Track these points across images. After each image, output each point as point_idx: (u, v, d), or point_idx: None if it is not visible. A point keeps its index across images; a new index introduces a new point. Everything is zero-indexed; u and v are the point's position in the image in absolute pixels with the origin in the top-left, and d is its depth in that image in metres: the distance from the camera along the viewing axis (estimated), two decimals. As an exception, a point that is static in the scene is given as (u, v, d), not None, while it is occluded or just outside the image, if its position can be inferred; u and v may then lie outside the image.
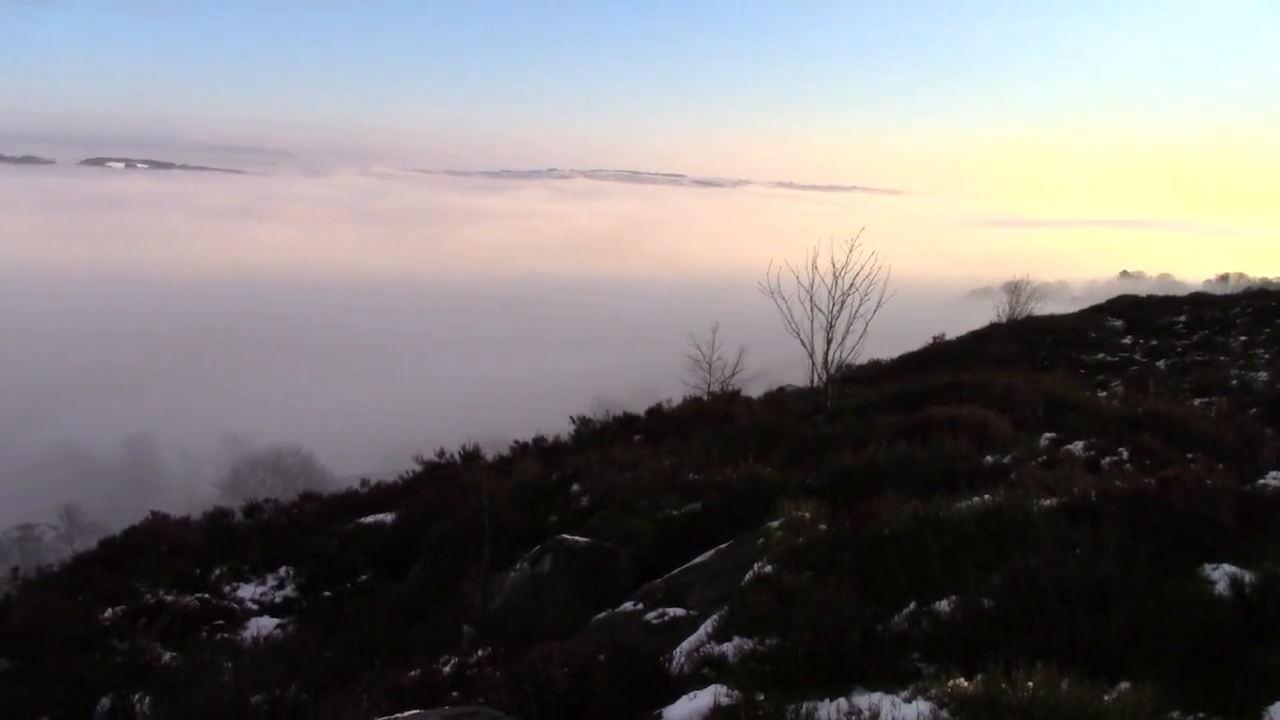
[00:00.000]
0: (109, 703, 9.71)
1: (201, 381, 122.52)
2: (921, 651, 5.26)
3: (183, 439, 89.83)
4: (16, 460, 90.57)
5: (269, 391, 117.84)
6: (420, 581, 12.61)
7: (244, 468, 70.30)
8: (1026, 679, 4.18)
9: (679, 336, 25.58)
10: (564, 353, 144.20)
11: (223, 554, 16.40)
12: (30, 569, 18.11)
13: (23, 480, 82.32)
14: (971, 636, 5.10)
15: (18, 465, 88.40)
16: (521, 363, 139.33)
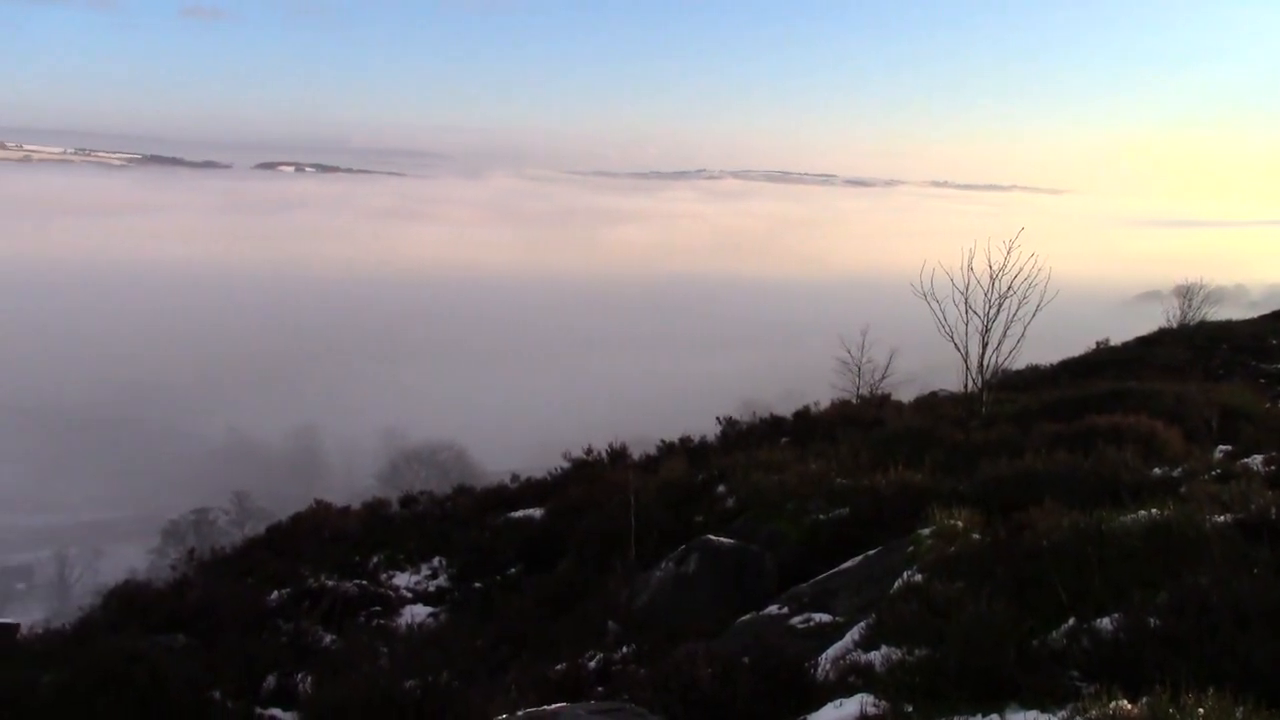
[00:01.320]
0: (275, 680, 10.21)
1: (363, 376, 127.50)
2: (1081, 670, 5.06)
3: (344, 431, 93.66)
4: (193, 449, 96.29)
5: (426, 387, 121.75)
6: (567, 576, 12.80)
7: (401, 460, 72.95)
8: (1196, 705, 3.97)
9: (828, 338, 25.22)
10: (711, 353, 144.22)
11: (380, 543, 17.00)
12: (205, 551, 19.13)
13: (198, 467, 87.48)
14: (1136, 657, 4.87)
15: (195, 453, 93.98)
16: (669, 363, 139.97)
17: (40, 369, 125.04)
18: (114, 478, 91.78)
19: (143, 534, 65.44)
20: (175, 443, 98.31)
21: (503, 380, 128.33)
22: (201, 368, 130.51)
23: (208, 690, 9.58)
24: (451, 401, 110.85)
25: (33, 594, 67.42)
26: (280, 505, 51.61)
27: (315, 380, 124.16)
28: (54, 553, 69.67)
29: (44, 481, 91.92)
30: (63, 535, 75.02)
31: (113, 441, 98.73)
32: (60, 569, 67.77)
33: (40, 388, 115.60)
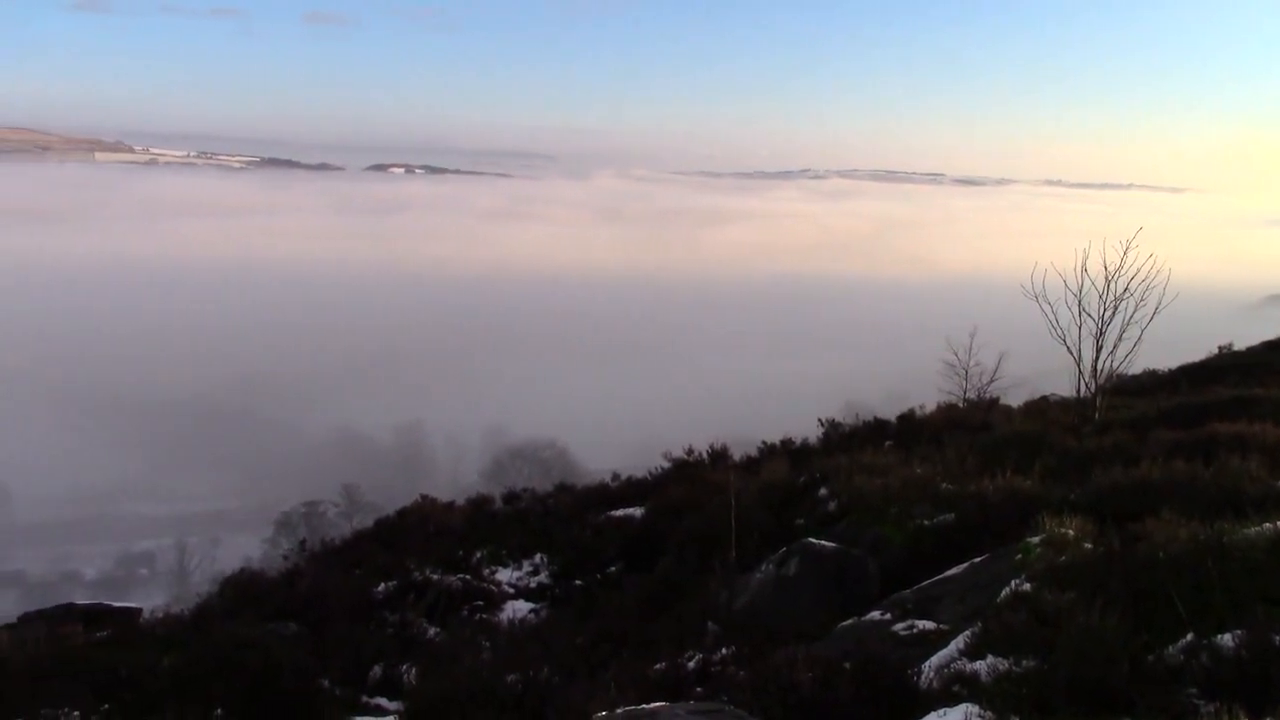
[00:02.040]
0: (380, 670, 10.46)
1: (469, 374, 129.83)
2: (1199, 687, 4.86)
3: (450, 428, 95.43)
4: (305, 443, 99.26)
5: (529, 385, 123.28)
6: (666, 576, 12.82)
7: (504, 457, 74.04)
8: (1325, 727, 3.78)
9: (934, 340, 24.74)
10: (815, 354, 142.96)
11: (483, 538, 17.27)
12: (315, 542, 19.67)
13: (310, 461, 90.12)
14: (1260, 675, 4.66)
15: (306, 447, 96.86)
16: (771, 363, 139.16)
17: (164, 364, 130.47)
18: (231, 470, 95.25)
19: (257, 524, 67.74)
20: (289, 437, 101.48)
21: (605, 379, 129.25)
22: (315, 364, 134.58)
23: (317, 678, 9.87)
24: (554, 400, 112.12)
25: (154, 580, 70.42)
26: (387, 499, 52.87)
27: (423, 377, 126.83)
28: (175, 541, 72.58)
29: (167, 472, 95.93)
30: (183, 524, 78.13)
31: (231, 435, 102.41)
32: (180, 557, 70.56)
33: (165, 382, 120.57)
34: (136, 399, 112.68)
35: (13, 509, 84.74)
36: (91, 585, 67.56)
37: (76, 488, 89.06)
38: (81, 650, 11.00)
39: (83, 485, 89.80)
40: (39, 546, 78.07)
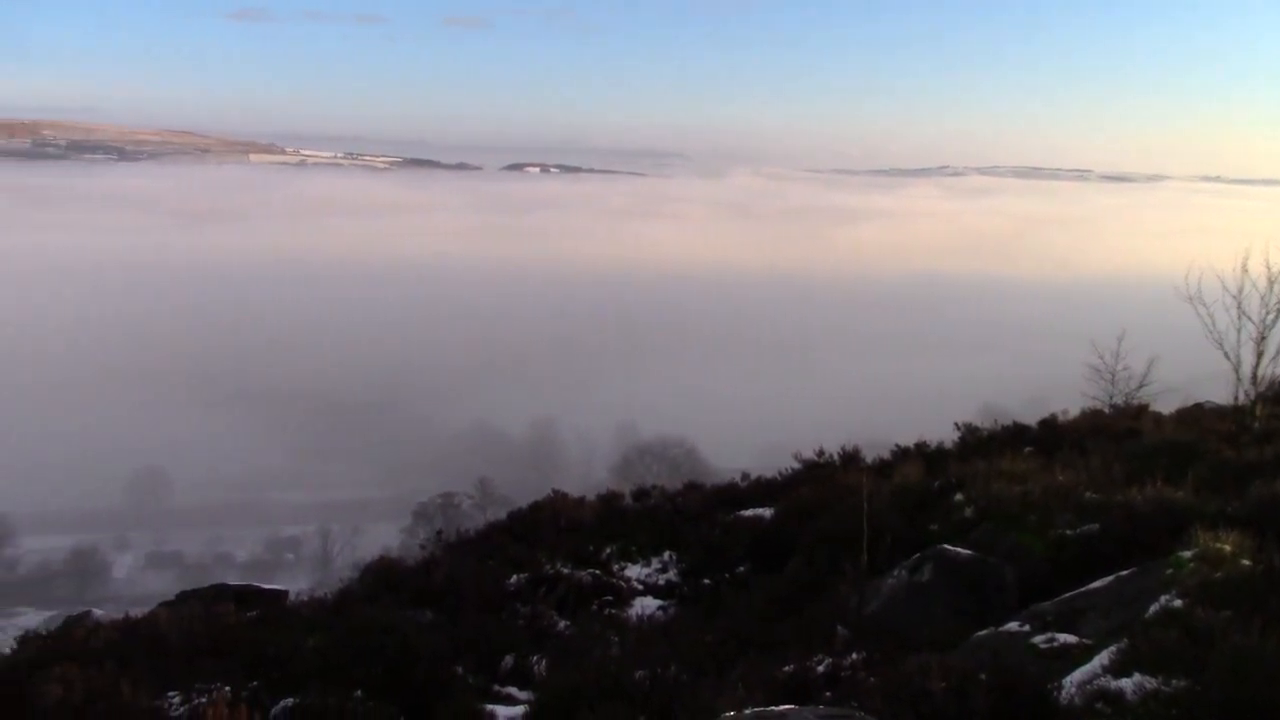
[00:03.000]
0: (512, 660, 10.66)
1: (601, 371, 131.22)
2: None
3: (581, 424, 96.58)
4: (442, 436, 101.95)
5: (659, 383, 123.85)
6: (796, 577, 12.70)
7: (633, 454, 74.50)
8: None
9: (1078, 343, 23.85)
10: (951, 356, 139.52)
11: (613, 534, 17.41)
12: (451, 533, 20.18)
13: (447, 454, 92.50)
14: None
15: (443, 440, 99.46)
16: (904, 365, 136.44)
17: (314, 358, 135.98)
18: (373, 461, 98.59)
19: (396, 514, 69.89)
20: (427, 430, 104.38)
21: (735, 378, 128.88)
22: (454, 359, 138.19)
23: (451, 665, 10.13)
24: (684, 398, 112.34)
25: (299, 564, 73.43)
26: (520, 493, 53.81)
27: (556, 374, 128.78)
28: (318, 528, 75.52)
29: (313, 463, 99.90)
30: (327, 512, 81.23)
31: (373, 427, 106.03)
32: (323, 543, 73.37)
33: (314, 375, 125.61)
34: (288, 391, 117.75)
35: (173, 493, 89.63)
36: (242, 567, 70.95)
37: (231, 475, 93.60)
38: (233, 629, 11.55)
39: (237, 473, 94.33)
40: (195, 529, 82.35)
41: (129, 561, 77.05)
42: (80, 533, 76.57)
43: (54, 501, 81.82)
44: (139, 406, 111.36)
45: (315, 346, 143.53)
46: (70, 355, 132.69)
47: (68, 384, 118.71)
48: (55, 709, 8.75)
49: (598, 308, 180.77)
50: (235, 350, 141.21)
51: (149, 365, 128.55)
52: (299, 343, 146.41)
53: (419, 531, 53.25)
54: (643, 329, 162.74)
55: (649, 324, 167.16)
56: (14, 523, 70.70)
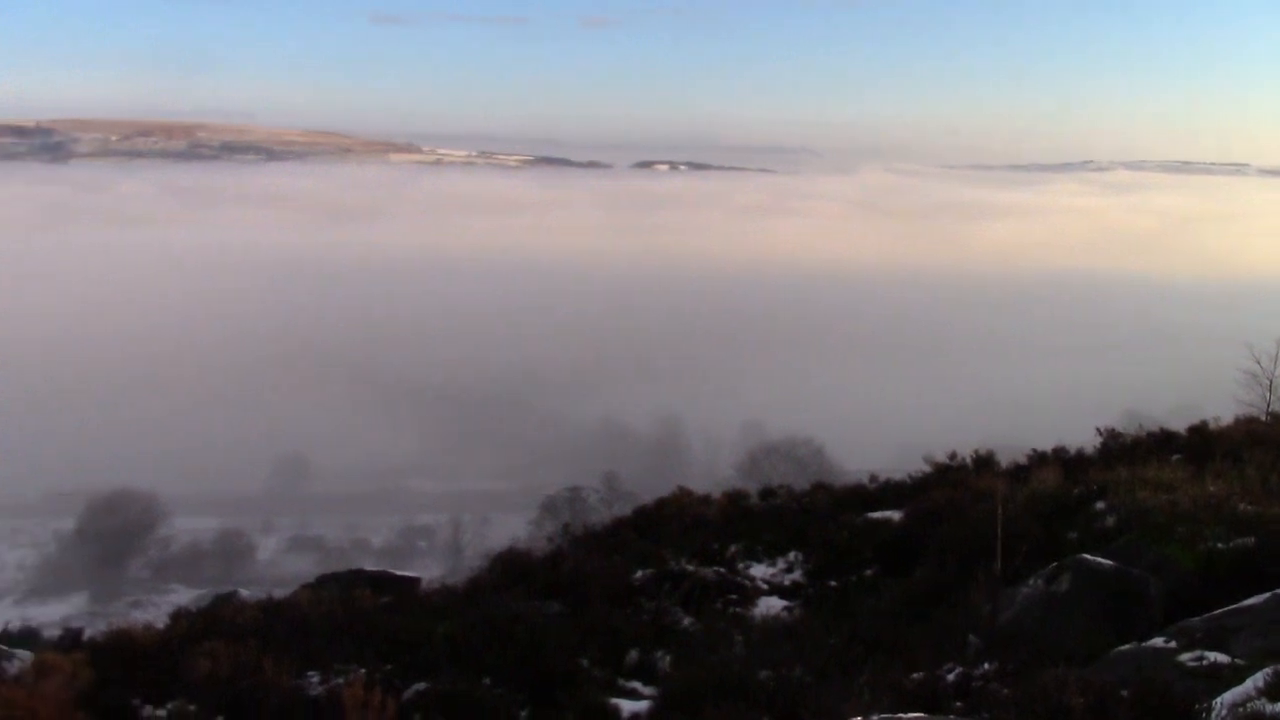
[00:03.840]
0: (637, 655, 10.73)
1: (728, 369, 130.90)
2: None
3: (707, 422, 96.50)
4: (570, 430, 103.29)
5: (787, 382, 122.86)
6: (925, 582, 12.43)
7: (760, 453, 73.99)
8: None
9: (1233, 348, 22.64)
10: (1092, 358, 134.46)
11: (738, 532, 17.36)
12: (577, 526, 20.44)
13: (574, 448, 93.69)
14: None
15: (571, 435, 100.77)
16: (1042, 367, 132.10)
17: (448, 351, 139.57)
18: (503, 454, 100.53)
19: (524, 506, 71.04)
20: (556, 424, 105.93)
21: (864, 378, 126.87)
22: (583, 355, 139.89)
23: (577, 656, 10.26)
24: (812, 397, 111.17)
25: (431, 552, 75.33)
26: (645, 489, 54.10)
27: (684, 371, 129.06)
28: (450, 517, 77.31)
29: (446, 453, 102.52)
30: (458, 502, 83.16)
31: (504, 420, 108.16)
32: (454, 532, 75.03)
33: (447, 368, 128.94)
34: (423, 384, 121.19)
35: (314, 480, 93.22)
36: (377, 553, 73.19)
37: (369, 464, 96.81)
38: (369, 613, 11.94)
39: (374, 462, 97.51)
40: (335, 515, 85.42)
41: (272, 544, 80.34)
42: (228, 515, 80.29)
43: (205, 485, 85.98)
44: (285, 396, 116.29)
45: (451, 340, 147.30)
46: (222, 345, 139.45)
47: (220, 373, 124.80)
48: (204, 682, 9.20)
49: (726, 305, 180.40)
50: (375, 343, 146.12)
51: (294, 356, 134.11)
52: (435, 336, 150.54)
53: (546, 524, 54.11)
54: (771, 327, 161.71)
55: (777, 322, 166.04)
56: (168, 504, 74.47)
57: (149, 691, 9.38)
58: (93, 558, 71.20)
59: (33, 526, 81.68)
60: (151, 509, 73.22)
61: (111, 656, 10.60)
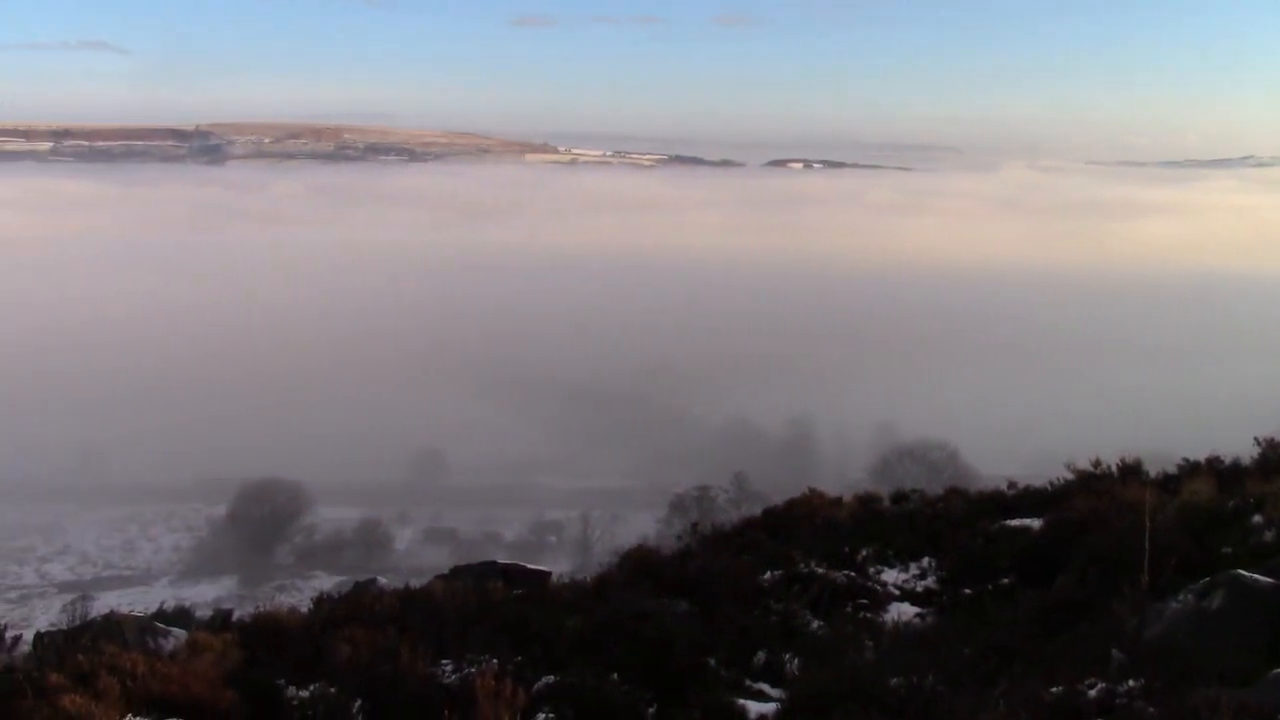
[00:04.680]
0: (764, 656, 10.67)
1: (860, 370, 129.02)
2: None
3: (838, 423, 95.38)
4: (700, 429, 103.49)
5: (921, 384, 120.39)
6: (1066, 594, 12.00)
7: (892, 456, 72.79)
8: None
9: None
10: (1249, 364, 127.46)
11: (869, 536, 17.07)
12: (706, 525, 20.42)
13: (704, 447, 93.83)
14: None
15: (701, 434, 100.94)
16: (1195, 371, 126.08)
17: (581, 348, 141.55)
18: (633, 451, 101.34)
19: (653, 504, 71.55)
20: (686, 423, 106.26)
21: (1002, 381, 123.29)
22: (714, 354, 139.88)
23: (704, 656, 10.26)
24: (947, 400, 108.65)
25: (561, 548, 76.52)
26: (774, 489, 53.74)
27: (815, 371, 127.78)
28: (580, 513, 78.42)
29: (578, 450, 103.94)
30: (588, 499, 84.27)
31: (635, 418, 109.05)
32: (584, 528, 76.09)
33: (580, 365, 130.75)
34: (556, 380, 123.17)
35: (450, 473, 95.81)
36: (509, 547, 74.76)
37: (502, 459, 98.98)
38: (500, 605, 12.20)
39: (507, 457, 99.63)
40: (468, 508, 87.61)
41: (409, 535, 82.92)
42: (367, 506, 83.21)
43: (346, 476, 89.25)
44: (424, 391, 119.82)
45: (584, 338, 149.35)
46: (365, 341, 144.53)
47: (363, 367, 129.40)
48: (344, 665, 9.56)
49: (860, 305, 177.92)
50: (510, 339, 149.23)
51: (433, 352, 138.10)
52: (569, 334, 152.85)
53: (675, 522, 54.39)
54: (906, 328, 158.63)
55: (912, 323, 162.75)
56: (313, 493, 77.61)
57: (293, 672, 9.78)
58: (242, 543, 74.80)
59: (187, 511, 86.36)
60: (297, 498, 76.48)
61: (259, 637, 11.11)
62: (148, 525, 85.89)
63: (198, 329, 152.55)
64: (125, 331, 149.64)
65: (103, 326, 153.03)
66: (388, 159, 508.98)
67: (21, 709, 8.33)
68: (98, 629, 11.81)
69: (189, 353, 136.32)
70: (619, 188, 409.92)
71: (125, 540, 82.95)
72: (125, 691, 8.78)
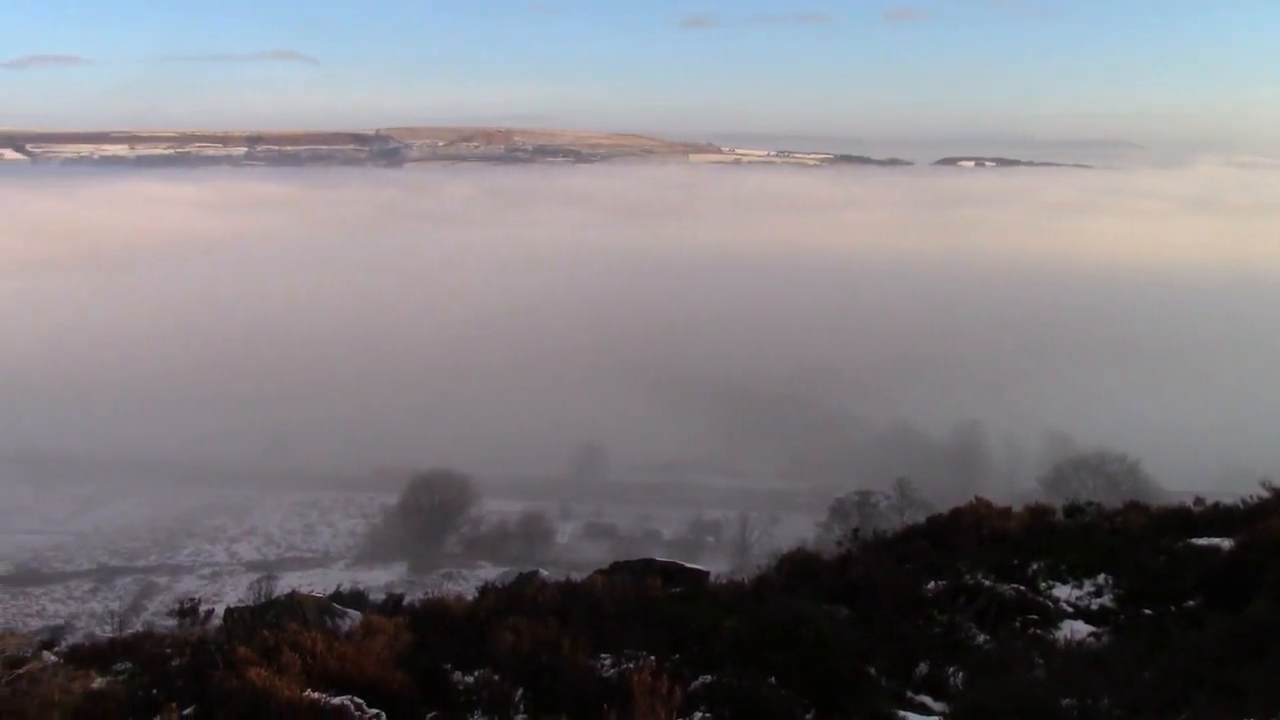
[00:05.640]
0: (926, 668, 10.39)
1: (1033, 375, 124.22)
2: None
3: (1009, 430, 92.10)
4: (862, 433, 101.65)
5: (1099, 391, 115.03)
6: (1259, 619, 11.23)
7: (1066, 467, 69.76)
8: None
9: None
10: None
11: (1040, 549, 16.40)
12: (867, 531, 20.05)
13: (865, 451, 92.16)
14: None
15: (863, 438, 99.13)
16: None
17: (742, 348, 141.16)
18: (793, 453, 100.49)
19: (812, 507, 70.73)
20: (848, 426, 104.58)
21: (1191, 391, 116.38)
22: (878, 356, 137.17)
23: (864, 663, 10.06)
24: (1127, 409, 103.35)
25: (718, 548, 76.46)
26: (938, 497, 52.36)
27: (984, 376, 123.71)
28: (738, 514, 78.21)
29: (737, 450, 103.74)
30: (746, 499, 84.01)
31: (795, 420, 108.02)
32: (742, 529, 75.84)
33: (742, 365, 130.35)
34: (718, 380, 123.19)
35: (610, 470, 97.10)
36: (667, 544, 75.22)
37: (662, 457, 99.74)
38: (658, 602, 12.28)
39: (667, 455, 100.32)
40: (628, 505, 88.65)
41: (570, 529, 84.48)
42: (531, 499, 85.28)
43: (512, 470, 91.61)
44: (587, 387, 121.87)
45: (747, 338, 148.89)
46: (532, 338, 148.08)
47: (529, 364, 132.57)
48: (507, 654, 9.80)
49: (1033, 307, 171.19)
50: (672, 338, 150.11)
51: (597, 350, 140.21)
52: (732, 334, 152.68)
53: (834, 527, 53.59)
54: (1084, 333, 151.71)
55: (1091, 328, 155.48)
56: (479, 486, 79.95)
57: (459, 658, 10.10)
58: (412, 531, 77.73)
59: (363, 499, 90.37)
60: (465, 490, 78.91)
61: (427, 623, 11.52)
62: (327, 511, 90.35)
63: (376, 324, 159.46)
64: (310, 325, 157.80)
65: (289, 321, 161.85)
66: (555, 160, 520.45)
67: (214, 679, 8.90)
68: (281, 607, 12.48)
69: (368, 347, 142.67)
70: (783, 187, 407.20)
71: (306, 524, 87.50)
72: (305, 667, 9.26)
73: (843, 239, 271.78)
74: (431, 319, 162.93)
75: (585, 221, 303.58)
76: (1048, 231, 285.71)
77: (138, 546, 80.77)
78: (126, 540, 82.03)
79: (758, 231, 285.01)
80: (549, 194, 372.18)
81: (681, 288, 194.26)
